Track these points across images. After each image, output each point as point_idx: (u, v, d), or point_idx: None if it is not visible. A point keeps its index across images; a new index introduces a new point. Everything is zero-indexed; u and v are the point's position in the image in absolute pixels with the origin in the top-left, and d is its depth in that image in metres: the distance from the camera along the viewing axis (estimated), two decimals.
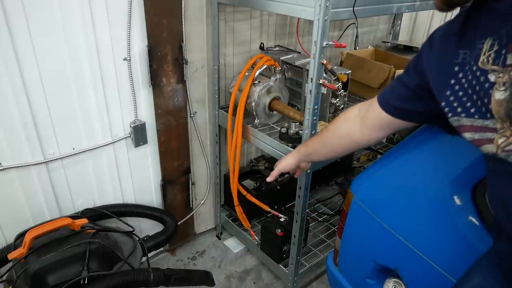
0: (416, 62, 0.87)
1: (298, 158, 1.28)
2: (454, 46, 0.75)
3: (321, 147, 1.18)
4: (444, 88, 0.76)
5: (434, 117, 0.84)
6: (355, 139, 1.06)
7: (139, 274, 1.38)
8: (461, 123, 0.72)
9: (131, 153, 1.82)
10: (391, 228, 1.09)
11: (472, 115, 0.70)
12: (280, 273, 1.97)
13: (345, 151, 1.14)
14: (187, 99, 1.87)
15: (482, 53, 0.67)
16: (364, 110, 1.03)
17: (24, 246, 1.31)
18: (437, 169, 1.05)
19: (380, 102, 0.97)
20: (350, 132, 1.06)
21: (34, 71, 1.40)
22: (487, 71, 0.66)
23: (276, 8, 1.42)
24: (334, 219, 2.30)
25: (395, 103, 0.93)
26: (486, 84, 0.66)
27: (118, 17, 1.52)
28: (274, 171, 1.35)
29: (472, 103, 0.70)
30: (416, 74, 0.87)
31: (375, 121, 1.00)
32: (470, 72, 0.70)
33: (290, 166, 1.30)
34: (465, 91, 0.72)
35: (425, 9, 1.70)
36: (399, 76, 0.93)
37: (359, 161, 2.73)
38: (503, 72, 0.63)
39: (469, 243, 0.91)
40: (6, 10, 1.27)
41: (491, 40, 0.66)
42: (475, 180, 0.94)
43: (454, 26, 0.77)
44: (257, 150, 2.35)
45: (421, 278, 1.03)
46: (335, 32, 2.36)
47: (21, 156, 1.48)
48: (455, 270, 0.93)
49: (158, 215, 1.87)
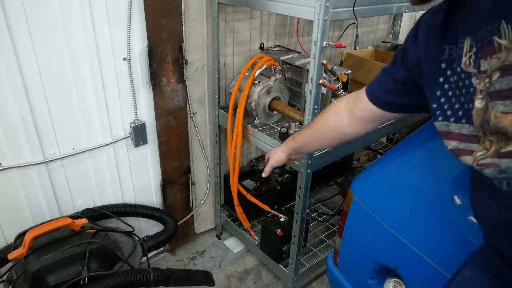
0: (403, 56, 0.82)
1: (288, 152, 1.31)
2: (439, 41, 0.69)
3: (310, 141, 1.18)
4: (434, 88, 0.71)
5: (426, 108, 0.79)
6: (344, 132, 1.05)
7: (139, 274, 1.38)
8: (450, 129, 0.67)
9: (131, 153, 1.82)
10: (391, 228, 1.09)
11: (460, 120, 0.65)
12: (280, 273, 1.97)
13: (335, 143, 1.15)
14: (187, 99, 1.87)
15: (463, 54, 0.62)
16: (352, 102, 1.00)
17: (24, 246, 1.31)
18: (437, 169, 1.05)
19: (369, 96, 0.93)
20: (339, 125, 1.05)
21: (34, 71, 1.40)
22: (470, 74, 0.60)
23: (276, 8, 1.42)
24: (334, 219, 2.30)
25: (385, 97, 0.90)
26: (470, 89, 0.61)
27: (118, 17, 1.52)
28: (266, 167, 1.38)
29: (460, 105, 0.65)
30: (403, 68, 0.82)
31: (363, 113, 0.97)
32: (456, 71, 0.65)
33: (282, 160, 1.33)
34: (454, 91, 0.66)
35: (425, 9, 1.70)
36: (386, 69, 0.89)
37: (359, 161, 2.73)
38: (479, 78, 0.58)
39: (469, 243, 0.91)
40: (6, 10, 1.27)
41: (469, 40, 0.61)
42: None
43: (437, 20, 0.72)
44: (257, 150, 2.35)
45: (421, 277, 1.03)
46: (335, 32, 2.36)
47: (21, 156, 1.48)
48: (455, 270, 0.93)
49: (158, 215, 1.87)
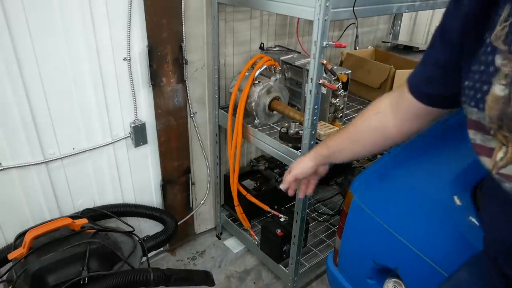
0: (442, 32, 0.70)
1: (318, 160, 1.07)
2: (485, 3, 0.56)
3: (347, 146, 1.01)
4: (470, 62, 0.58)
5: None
6: (388, 133, 0.91)
7: (139, 274, 1.39)
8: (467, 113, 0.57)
9: (131, 153, 1.82)
10: (391, 228, 1.09)
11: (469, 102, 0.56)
12: (280, 273, 1.97)
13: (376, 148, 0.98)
14: (187, 99, 1.87)
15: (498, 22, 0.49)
16: (395, 99, 0.88)
17: (24, 246, 1.31)
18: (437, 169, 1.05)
19: (411, 88, 0.81)
20: (383, 126, 0.90)
21: (34, 71, 1.40)
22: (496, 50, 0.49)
23: (276, 8, 1.42)
24: (334, 219, 2.30)
25: (426, 89, 0.78)
26: (490, 68, 0.50)
27: (118, 17, 1.52)
28: (288, 176, 1.12)
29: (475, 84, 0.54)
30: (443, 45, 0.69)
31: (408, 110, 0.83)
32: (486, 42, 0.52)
33: (308, 170, 1.09)
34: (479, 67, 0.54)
35: (425, 9, 1.70)
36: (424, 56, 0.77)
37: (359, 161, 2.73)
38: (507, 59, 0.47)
39: (469, 243, 0.90)
40: (6, 10, 1.27)
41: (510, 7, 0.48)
42: (476, 180, 0.94)
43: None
44: (257, 150, 2.35)
45: (421, 278, 1.03)
46: (335, 32, 2.36)
47: (21, 156, 1.48)
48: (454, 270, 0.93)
49: (158, 215, 1.87)
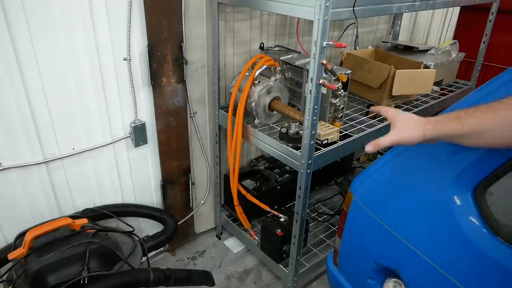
0: None
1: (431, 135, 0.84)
2: None
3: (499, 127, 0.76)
4: None
5: None
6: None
7: (139, 274, 1.39)
8: None
9: (131, 153, 1.82)
10: (391, 228, 1.09)
11: None
12: (280, 273, 1.97)
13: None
14: (187, 99, 1.87)
15: None
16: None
17: (24, 246, 1.31)
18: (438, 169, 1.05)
19: None
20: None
21: (34, 71, 1.40)
22: None
23: (276, 8, 1.42)
24: (334, 219, 2.30)
25: None
26: None
27: (118, 17, 1.52)
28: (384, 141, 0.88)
29: None
30: None
31: None
32: None
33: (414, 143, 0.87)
34: None
35: (425, 9, 1.70)
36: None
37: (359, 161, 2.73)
38: None
39: (469, 243, 0.90)
40: (6, 10, 1.27)
41: None
42: (476, 180, 0.94)
43: None
44: (257, 150, 2.35)
45: (421, 278, 1.03)
46: (335, 32, 2.36)
47: (21, 156, 1.48)
48: (455, 270, 0.93)
49: (158, 215, 1.87)
